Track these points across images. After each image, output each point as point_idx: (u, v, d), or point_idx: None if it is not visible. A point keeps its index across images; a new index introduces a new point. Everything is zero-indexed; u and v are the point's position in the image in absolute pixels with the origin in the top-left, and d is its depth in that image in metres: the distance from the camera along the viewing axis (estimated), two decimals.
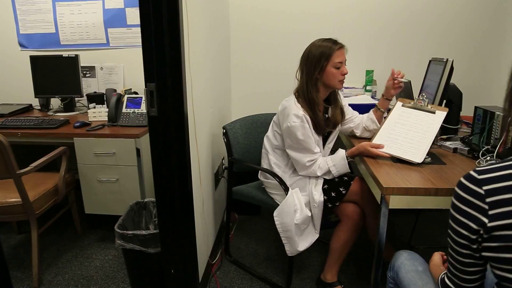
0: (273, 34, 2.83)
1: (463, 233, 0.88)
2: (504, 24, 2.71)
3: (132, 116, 2.47)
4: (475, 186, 0.85)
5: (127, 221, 2.05)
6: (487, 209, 0.83)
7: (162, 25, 1.46)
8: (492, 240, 0.83)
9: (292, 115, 1.79)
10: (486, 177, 0.85)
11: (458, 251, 0.92)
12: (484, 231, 0.84)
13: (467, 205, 0.87)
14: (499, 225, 0.81)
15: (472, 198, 0.86)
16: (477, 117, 1.89)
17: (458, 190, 0.90)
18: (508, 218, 0.80)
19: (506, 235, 0.81)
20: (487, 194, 0.83)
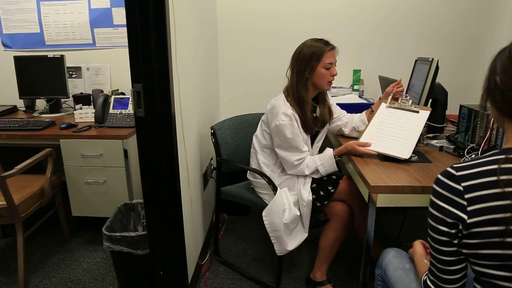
0: (260, 35, 2.84)
1: (443, 230, 0.89)
2: (488, 25, 2.76)
3: (119, 117, 2.45)
4: (453, 182, 0.86)
5: (115, 223, 2.04)
6: (466, 205, 0.84)
7: (149, 25, 1.45)
8: (472, 237, 0.84)
9: (281, 113, 1.80)
10: (464, 173, 0.86)
11: (439, 249, 0.92)
12: (464, 227, 0.85)
13: (446, 202, 0.87)
14: (478, 221, 0.82)
15: (451, 195, 0.86)
16: (462, 116, 1.91)
17: (436, 187, 0.90)
18: (487, 214, 0.81)
19: (485, 231, 0.82)
20: (465, 190, 0.84)
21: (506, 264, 0.82)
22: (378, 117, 1.88)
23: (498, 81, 0.86)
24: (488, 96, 0.92)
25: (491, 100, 0.91)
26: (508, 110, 0.86)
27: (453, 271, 0.92)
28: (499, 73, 0.86)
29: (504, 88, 0.84)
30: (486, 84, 0.92)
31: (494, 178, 0.82)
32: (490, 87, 0.89)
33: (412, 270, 1.22)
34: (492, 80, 0.88)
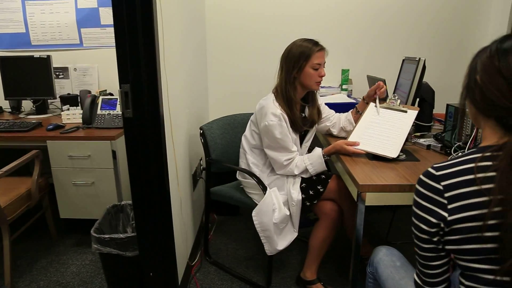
0: (249, 35, 2.83)
1: (425, 228, 0.92)
2: (474, 24, 2.80)
3: (107, 117, 2.43)
4: (434, 182, 0.89)
5: (104, 225, 2.02)
6: (446, 203, 0.87)
7: (136, 25, 1.44)
8: (453, 233, 0.88)
9: (269, 114, 1.80)
10: (443, 173, 0.89)
11: (422, 246, 0.95)
12: (445, 224, 0.88)
13: (428, 201, 0.91)
14: (458, 218, 0.85)
15: (432, 194, 0.90)
16: (449, 115, 1.94)
17: (418, 187, 0.94)
18: (466, 211, 0.84)
19: (466, 227, 0.85)
20: (445, 189, 0.87)
21: (487, 258, 0.85)
22: (367, 117, 1.89)
23: (478, 80, 0.89)
24: (467, 94, 0.94)
25: (470, 98, 0.93)
26: (486, 109, 0.89)
27: (435, 266, 0.96)
28: (479, 72, 0.89)
29: (484, 87, 0.87)
30: (466, 81, 0.95)
31: (471, 176, 0.85)
32: (470, 85, 0.92)
33: (402, 267, 1.24)
34: (472, 79, 0.91)
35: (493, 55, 0.87)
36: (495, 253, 0.83)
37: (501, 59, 0.85)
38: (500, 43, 0.88)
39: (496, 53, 0.86)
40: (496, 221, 0.81)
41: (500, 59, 0.85)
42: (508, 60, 0.84)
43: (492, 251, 0.83)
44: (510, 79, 0.83)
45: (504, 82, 0.84)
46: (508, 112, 0.85)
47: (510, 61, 0.84)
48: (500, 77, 0.84)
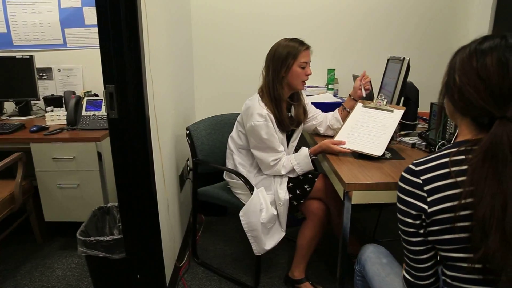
0: (236, 35, 2.83)
1: (409, 222, 0.95)
2: (456, 24, 2.85)
3: (92, 119, 2.40)
4: (413, 177, 0.93)
5: (89, 227, 1.99)
6: (426, 196, 0.91)
7: (121, 25, 1.42)
8: (433, 224, 0.91)
9: (256, 114, 1.80)
10: (422, 168, 0.93)
11: (410, 241, 0.98)
12: (426, 217, 0.92)
13: (409, 196, 0.94)
14: (436, 209, 0.89)
15: (412, 189, 0.93)
16: (433, 113, 1.96)
17: (400, 183, 0.97)
18: (444, 203, 0.88)
19: (444, 218, 0.89)
20: (424, 183, 0.91)
21: (463, 247, 0.88)
22: (354, 117, 1.91)
23: (457, 80, 0.91)
24: (446, 92, 0.97)
25: (448, 97, 0.96)
26: (463, 108, 0.92)
27: (424, 260, 0.99)
28: (458, 71, 0.92)
29: (463, 88, 0.90)
30: (445, 79, 0.98)
31: (446, 170, 0.89)
32: (449, 84, 0.95)
33: (388, 264, 1.26)
34: (452, 78, 0.94)
35: (472, 55, 0.89)
36: (467, 242, 0.87)
37: (479, 60, 0.87)
38: (479, 44, 0.90)
39: (474, 54, 0.89)
40: (468, 212, 0.85)
41: (478, 60, 0.87)
42: (485, 61, 0.86)
43: (465, 240, 0.87)
44: (487, 81, 0.86)
45: (481, 83, 0.86)
46: (484, 113, 0.88)
47: (488, 62, 0.86)
48: (478, 79, 0.87)
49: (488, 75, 0.86)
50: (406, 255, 1.02)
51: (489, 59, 0.86)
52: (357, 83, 2.02)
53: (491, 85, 0.86)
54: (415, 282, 1.03)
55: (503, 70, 0.85)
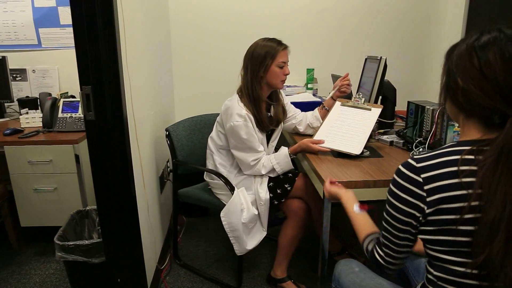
0: (214, 35, 2.82)
1: (404, 220, 0.92)
2: (431, 25, 2.91)
3: (69, 121, 2.35)
4: (414, 174, 0.88)
5: (68, 232, 1.96)
6: (425, 196, 0.86)
7: (97, 24, 1.40)
8: (429, 224, 0.88)
9: (235, 114, 1.80)
10: (423, 165, 0.88)
11: (397, 235, 0.96)
12: (422, 216, 0.88)
13: (406, 193, 0.90)
14: (435, 210, 0.86)
15: (411, 186, 0.89)
16: (410, 111, 2.00)
17: (397, 178, 0.92)
18: (444, 204, 0.85)
19: (441, 219, 0.86)
20: (425, 181, 0.87)
21: (458, 250, 0.86)
22: (333, 115, 1.93)
23: (460, 82, 0.86)
24: (447, 94, 0.92)
25: (451, 100, 0.91)
26: (470, 110, 0.87)
27: (406, 250, 1.00)
28: (459, 73, 0.86)
29: (468, 89, 0.84)
30: (445, 82, 0.92)
31: (453, 168, 0.84)
32: (450, 86, 0.89)
33: (361, 271, 1.27)
34: (452, 80, 0.88)
35: (471, 53, 0.84)
36: (467, 246, 0.84)
37: (480, 57, 0.83)
38: (476, 40, 0.85)
39: (473, 51, 0.84)
40: (472, 215, 0.82)
41: (480, 58, 0.83)
42: (488, 58, 0.82)
43: (464, 244, 0.84)
44: (494, 79, 0.81)
45: (488, 83, 0.81)
46: (494, 112, 0.83)
47: (491, 58, 0.81)
48: (483, 78, 0.82)
49: (494, 72, 0.80)
50: (386, 244, 1.00)
51: (492, 55, 0.81)
52: (337, 82, 2.04)
53: (498, 83, 0.80)
54: (388, 266, 1.03)
55: (509, 65, 0.80)
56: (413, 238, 0.95)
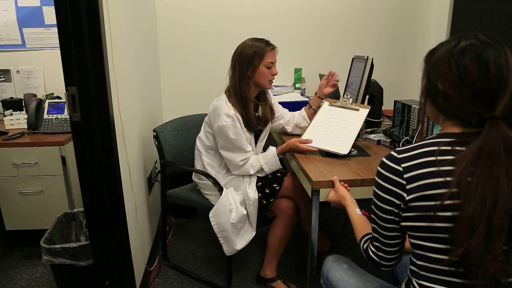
0: (202, 34, 2.81)
1: (387, 208, 0.96)
2: (417, 25, 2.95)
3: (55, 122, 2.32)
4: (395, 164, 0.94)
5: (54, 235, 1.93)
6: (405, 184, 0.91)
7: (82, 24, 1.38)
8: (410, 210, 0.92)
9: (223, 114, 1.80)
10: (404, 156, 0.93)
11: (384, 226, 1.00)
12: (403, 203, 0.92)
13: (389, 183, 0.95)
14: (415, 197, 0.90)
15: (392, 176, 0.94)
16: (397, 110, 2.02)
17: (380, 169, 0.97)
18: (422, 191, 0.89)
19: (420, 206, 0.90)
20: (405, 170, 0.92)
21: (438, 237, 0.89)
22: (321, 115, 1.94)
23: (440, 87, 0.90)
24: (427, 97, 0.96)
25: (432, 102, 0.95)
26: (449, 112, 0.92)
27: (395, 244, 1.02)
28: (440, 78, 0.90)
29: (448, 94, 0.89)
30: (425, 85, 0.96)
31: (431, 158, 0.89)
32: (431, 90, 0.93)
33: (350, 268, 1.30)
34: (433, 84, 0.92)
35: (450, 59, 0.88)
36: (446, 232, 0.87)
37: (459, 63, 0.87)
38: (454, 47, 0.89)
39: (452, 57, 0.88)
40: (451, 202, 0.86)
41: (458, 64, 0.87)
42: (465, 64, 0.86)
43: (444, 230, 0.88)
44: (472, 85, 0.85)
45: (467, 88, 0.86)
46: (472, 114, 0.88)
47: (468, 65, 0.86)
48: (462, 83, 0.86)
49: (471, 77, 0.85)
50: (376, 238, 1.04)
51: (469, 62, 0.86)
52: (323, 81, 2.06)
53: (476, 89, 0.85)
54: (381, 262, 1.06)
55: (485, 71, 0.85)
56: (400, 228, 0.98)
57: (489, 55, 0.85)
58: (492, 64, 0.85)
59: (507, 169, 0.83)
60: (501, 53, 0.86)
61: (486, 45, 0.86)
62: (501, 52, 0.86)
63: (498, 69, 0.85)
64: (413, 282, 0.97)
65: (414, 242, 0.94)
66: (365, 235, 1.15)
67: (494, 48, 0.86)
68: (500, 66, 0.85)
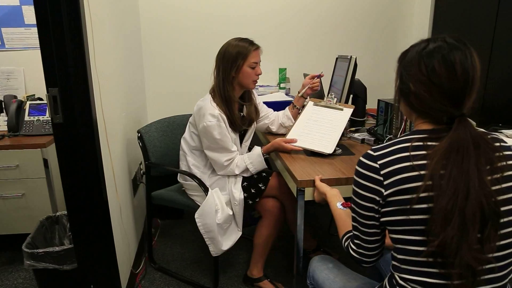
0: (187, 34, 2.79)
1: (367, 205, 0.98)
2: (399, 25, 3.00)
3: (36, 124, 2.28)
4: (371, 162, 0.96)
5: (37, 239, 1.90)
6: (382, 180, 0.94)
7: (62, 23, 1.36)
8: (388, 205, 0.95)
9: (208, 114, 1.79)
10: (380, 153, 0.96)
11: (363, 223, 1.02)
12: (382, 199, 0.95)
13: (366, 180, 0.97)
14: (392, 191, 0.93)
15: (370, 173, 0.96)
16: (380, 109, 2.05)
17: (358, 168, 1.00)
18: (398, 185, 0.92)
19: (398, 200, 0.92)
20: (381, 167, 0.94)
21: (413, 229, 0.91)
22: (305, 115, 1.95)
23: (412, 87, 0.95)
24: (401, 97, 1.01)
25: (405, 102, 1.00)
26: (422, 111, 0.97)
27: (375, 240, 1.04)
28: (412, 79, 0.95)
29: (420, 94, 0.94)
30: (398, 86, 1.01)
31: (405, 154, 0.93)
32: (404, 90, 0.98)
33: (335, 267, 1.32)
34: (405, 85, 0.97)
35: (420, 62, 0.93)
36: (423, 224, 0.90)
37: (428, 65, 0.91)
38: (423, 49, 0.93)
39: (421, 60, 0.92)
40: (426, 194, 0.88)
41: (427, 66, 0.91)
42: (434, 66, 0.90)
43: (421, 222, 0.90)
44: (440, 86, 0.90)
45: (436, 89, 0.91)
46: (442, 113, 0.93)
47: (436, 67, 0.90)
48: (432, 84, 0.91)
49: (440, 79, 0.90)
50: (357, 235, 1.06)
51: (437, 64, 0.90)
52: (306, 81, 2.06)
53: (445, 89, 0.90)
54: (362, 259, 1.08)
55: (452, 72, 0.89)
56: (379, 224, 1.00)
57: (455, 56, 0.90)
58: (458, 65, 0.89)
59: (476, 163, 0.87)
60: (467, 54, 0.91)
61: (452, 47, 0.91)
62: (467, 53, 0.91)
63: (464, 69, 0.90)
64: (395, 276, 0.99)
65: (394, 237, 0.97)
66: (346, 232, 1.17)
67: (460, 50, 0.91)
68: (465, 67, 0.90)
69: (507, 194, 0.91)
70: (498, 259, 0.91)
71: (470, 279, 0.88)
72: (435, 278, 0.91)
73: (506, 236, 0.92)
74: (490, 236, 0.88)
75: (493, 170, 0.90)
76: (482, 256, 0.88)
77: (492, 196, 0.87)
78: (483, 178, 0.87)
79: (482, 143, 0.90)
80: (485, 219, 0.87)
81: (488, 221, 0.87)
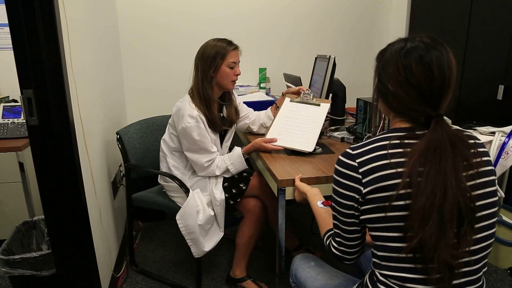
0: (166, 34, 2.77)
1: (347, 204, 0.99)
2: (378, 25, 3.05)
3: (11, 127, 2.23)
4: (350, 160, 0.98)
5: (13, 245, 1.85)
6: (361, 178, 0.95)
7: (36, 22, 1.32)
8: (367, 203, 0.96)
9: (186, 116, 1.78)
10: (358, 152, 0.97)
11: (344, 221, 1.03)
12: (361, 197, 0.96)
13: (345, 178, 0.98)
14: (371, 189, 0.94)
15: (348, 171, 0.97)
16: (359, 108, 2.07)
17: (337, 166, 1.01)
18: (377, 183, 0.93)
19: (377, 197, 0.94)
20: (359, 165, 0.96)
21: (393, 226, 0.93)
22: (283, 112, 1.95)
23: (390, 87, 0.96)
24: (379, 96, 1.02)
25: (383, 101, 1.01)
26: (400, 111, 0.98)
27: (356, 238, 1.05)
28: (390, 80, 0.96)
29: (398, 95, 0.95)
30: (376, 85, 1.02)
31: (383, 152, 0.94)
32: (382, 90, 0.99)
33: (317, 265, 1.33)
34: (384, 85, 0.98)
35: (397, 63, 0.94)
36: (402, 220, 0.91)
37: (405, 67, 0.92)
38: (400, 50, 0.94)
39: (399, 61, 0.93)
40: (404, 191, 0.90)
41: (405, 67, 0.92)
42: (411, 67, 0.91)
43: (400, 219, 0.91)
44: (418, 87, 0.91)
45: (414, 90, 0.92)
46: (420, 113, 0.94)
47: (413, 67, 0.91)
48: (409, 85, 0.92)
49: (417, 79, 0.91)
50: (337, 233, 1.07)
51: (414, 64, 0.91)
52: (293, 89, 2.04)
53: (422, 89, 0.91)
54: (343, 256, 1.09)
55: (429, 73, 0.90)
56: (359, 222, 1.01)
57: (432, 56, 0.91)
58: (434, 65, 0.90)
59: (453, 163, 0.89)
60: (443, 54, 0.92)
61: (429, 47, 0.92)
62: (443, 53, 0.92)
63: (440, 70, 0.91)
64: (375, 273, 1.00)
65: (374, 234, 0.98)
66: (327, 231, 1.18)
67: (437, 50, 0.92)
68: (442, 67, 0.91)
69: (481, 189, 0.94)
70: (474, 252, 0.94)
71: (448, 273, 0.90)
72: (414, 273, 0.93)
73: (481, 229, 0.94)
74: (466, 232, 0.90)
75: (468, 166, 0.92)
76: (459, 252, 0.90)
77: (467, 192, 0.89)
78: (459, 175, 0.89)
79: (458, 141, 0.92)
80: (462, 216, 0.89)
81: (464, 218, 0.89)
